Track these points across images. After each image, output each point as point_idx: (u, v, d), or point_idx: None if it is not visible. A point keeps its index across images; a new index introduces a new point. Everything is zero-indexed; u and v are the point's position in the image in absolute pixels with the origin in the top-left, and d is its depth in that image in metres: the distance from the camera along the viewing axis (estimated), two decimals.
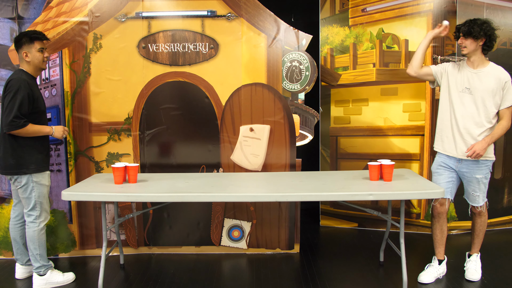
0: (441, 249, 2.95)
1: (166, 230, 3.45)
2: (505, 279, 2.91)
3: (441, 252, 2.95)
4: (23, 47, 2.77)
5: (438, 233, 2.93)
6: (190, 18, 3.26)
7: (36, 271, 2.87)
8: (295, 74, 3.29)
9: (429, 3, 3.64)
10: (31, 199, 2.80)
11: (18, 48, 2.79)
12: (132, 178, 2.80)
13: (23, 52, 2.78)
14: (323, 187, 2.68)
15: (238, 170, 3.36)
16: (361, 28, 3.90)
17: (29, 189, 2.79)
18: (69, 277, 2.97)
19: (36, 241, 2.83)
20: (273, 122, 3.32)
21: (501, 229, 3.93)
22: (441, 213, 2.87)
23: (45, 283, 2.88)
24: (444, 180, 2.86)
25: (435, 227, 2.93)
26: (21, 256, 3.00)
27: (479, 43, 2.71)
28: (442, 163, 2.88)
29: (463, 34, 2.72)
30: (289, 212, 3.43)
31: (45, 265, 2.88)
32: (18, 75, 2.74)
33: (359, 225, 4.08)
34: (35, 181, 2.79)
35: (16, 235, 2.97)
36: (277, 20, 3.26)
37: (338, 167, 4.08)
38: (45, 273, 2.88)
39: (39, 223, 2.84)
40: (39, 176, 2.81)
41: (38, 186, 2.81)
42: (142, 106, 3.31)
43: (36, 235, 2.83)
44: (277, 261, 3.31)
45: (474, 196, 2.84)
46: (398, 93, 3.82)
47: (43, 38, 2.84)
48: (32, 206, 2.81)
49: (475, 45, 2.71)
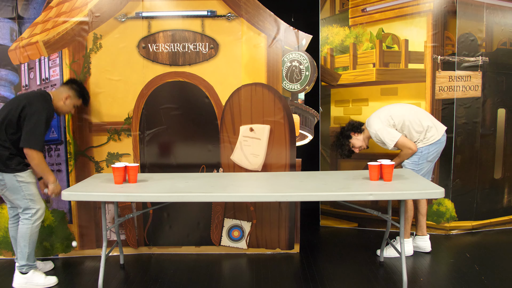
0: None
1: (166, 230, 3.45)
2: (505, 279, 2.91)
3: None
4: (71, 91, 2.98)
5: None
6: (190, 18, 3.26)
7: (19, 269, 2.85)
8: (295, 74, 3.29)
9: (429, 3, 3.64)
10: (22, 199, 2.80)
11: (73, 90, 3.00)
12: (132, 178, 2.80)
13: (67, 95, 2.96)
14: (323, 187, 2.68)
15: (238, 170, 3.36)
16: (361, 28, 3.89)
17: (18, 189, 2.78)
18: (51, 281, 2.92)
19: (27, 239, 2.81)
20: (273, 122, 3.32)
21: (501, 229, 3.93)
22: None
23: (26, 282, 2.85)
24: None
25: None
26: None
27: (357, 137, 3.42)
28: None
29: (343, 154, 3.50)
30: (289, 212, 3.42)
31: (29, 265, 2.86)
32: (48, 98, 2.87)
33: (359, 225, 4.08)
34: (21, 180, 2.79)
35: (15, 234, 2.96)
36: (277, 20, 3.26)
37: (338, 167, 4.08)
38: (27, 271, 2.85)
39: (34, 220, 2.83)
40: (22, 175, 2.80)
41: (24, 184, 2.80)
42: (142, 106, 3.31)
43: (28, 232, 2.81)
44: (277, 261, 3.31)
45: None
46: (398, 93, 3.82)
47: (86, 103, 3.14)
48: (26, 206, 2.81)
49: (360, 141, 3.44)
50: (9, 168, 2.76)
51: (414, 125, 3.20)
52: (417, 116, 3.23)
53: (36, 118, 2.73)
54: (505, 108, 3.84)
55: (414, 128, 3.20)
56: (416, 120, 3.21)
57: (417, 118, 3.21)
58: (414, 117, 3.22)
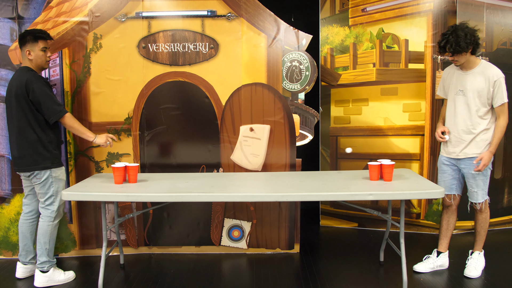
0: (443, 241, 3.04)
1: (166, 230, 3.45)
2: (505, 279, 2.91)
3: (443, 244, 3.04)
4: (26, 45, 2.80)
5: (444, 224, 3.03)
6: (190, 18, 3.26)
7: (40, 267, 2.87)
8: (295, 74, 3.29)
9: (429, 3, 3.64)
10: (49, 194, 2.85)
11: (22, 45, 2.82)
12: (132, 178, 2.80)
13: (26, 50, 2.81)
14: (323, 187, 2.68)
15: (238, 170, 3.36)
16: (361, 28, 3.89)
17: (48, 184, 2.84)
18: (70, 276, 3.00)
19: (48, 235, 2.87)
20: (273, 122, 3.32)
21: (501, 229, 3.93)
22: (449, 205, 2.98)
23: (47, 280, 2.89)
24: (447, 177, 2.97)
25: (442, 217, 3.05)
26: (26, 253, 3.00)
27: (468, 52, 2.75)
28: (445, 161, 2.98)
29: (452, 53, 2.74)
30: (289, 212, 3.42)
31: (50, 261, 2.90)
32: (29, 72, 2.79)
33: (359, 225, 4.08)
34: (54, 176, 2.86)
35: (26, 231, 2.98)
36: (277, 20, 3.26)
37: (338, 167, 4.08)
38: (48, 269, 2.89)
39: (54, 217, 2.89)
40: (57, 171, 2.88)
41: (57, 181, 2.88)
42: (142, 106, 3.31)
43: (50, 229, 2.87)
44: (277, 261, 3.31)
45: (472, 192, 2.90)
46: (398, 93, 3.82)
47: (47, 37, 2.87)
48: (51, 201, 2.86)
49: (466, 56, 2.76)
50: (48, 164, 2.83)
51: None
52: None
53: (39, 90, 2.75)
54: None
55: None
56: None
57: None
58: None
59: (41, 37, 2.81)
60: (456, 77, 2.87)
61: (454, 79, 2.88)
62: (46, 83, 2.86)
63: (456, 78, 2.87)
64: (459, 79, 2.85)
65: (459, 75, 2.85)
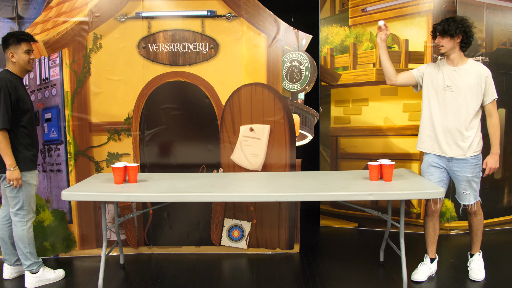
0: (433, 248, 2.98)
1: (166, 230, 3.45)
2: (505, 279, 2.91)
3: (433, 250, 2.98)
4: (9, 47, 2.77)
5: (431, 232, 2.96)
6: (190, 18, 3.26)
7: (28, 269, 2.86)
8: (295, 74, 3.29)
9: (429, 3, 3.64)
10: (18, 198, 2.79)
11: (5, 48, 2.78)
12: (132, 178, 2.80)
13: (9, 53, 2.78)
14: (323, 187, 2.68)
15: (238, 170, 3.36)
16: (361, 28, 3.89)
17: (17, 188, 2.77)
18: (60, 274, 3.00)
19: (25, 239, 2.83)
20: (273, 122, 3.32)
21: (501, 229, 3.93)
22: (435, 211, 2.91)
23: (38, 280, 2.88)
24: (435, 180, 2.86)
25: (428, 225, 2.96)
26: (9, 257, 2.99)
27: (456, 40, 2.72)
28: (433, 163, 2.88)
29: (439, 33, 2.72)
30: (289, 212, 3.42)
31: (36, 262, 2.88)
32: (1, 75, 2.73)
33: (359, 225, 4.08)
34: (24, 180, 2.77)
35: (4, 235, 2.95)
36: (277, 20, 3.26)
37: (338, 167, 4.08)
38: (38, 270, 2.88)
39: (26, 221, 2.83)
40: (27, 175, 2.80)
41: (26, 185, 2.80)
42: (142, 106, 3.31)
43: (25, 233, 2.82)
44: (277, 261, 3.31)
45: (465, 194, 2.84)
46: (398, 93, 3.82)
47: (30, 39, 2.83)
48: (20, 206, 2.80)
49: (453, 43, 2.73)
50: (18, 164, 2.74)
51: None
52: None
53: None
54: (505, 108, 3.84)
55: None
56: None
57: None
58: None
59: (24, 39, 2.78)
60: (444, 72, 2.80)
61: (441, 75, 2.80)
62: (14, 92, 2.70)
63: (444, 73, 2.80)
64: (447, 75, 2.79)
65: (448, 70, 2.79)
